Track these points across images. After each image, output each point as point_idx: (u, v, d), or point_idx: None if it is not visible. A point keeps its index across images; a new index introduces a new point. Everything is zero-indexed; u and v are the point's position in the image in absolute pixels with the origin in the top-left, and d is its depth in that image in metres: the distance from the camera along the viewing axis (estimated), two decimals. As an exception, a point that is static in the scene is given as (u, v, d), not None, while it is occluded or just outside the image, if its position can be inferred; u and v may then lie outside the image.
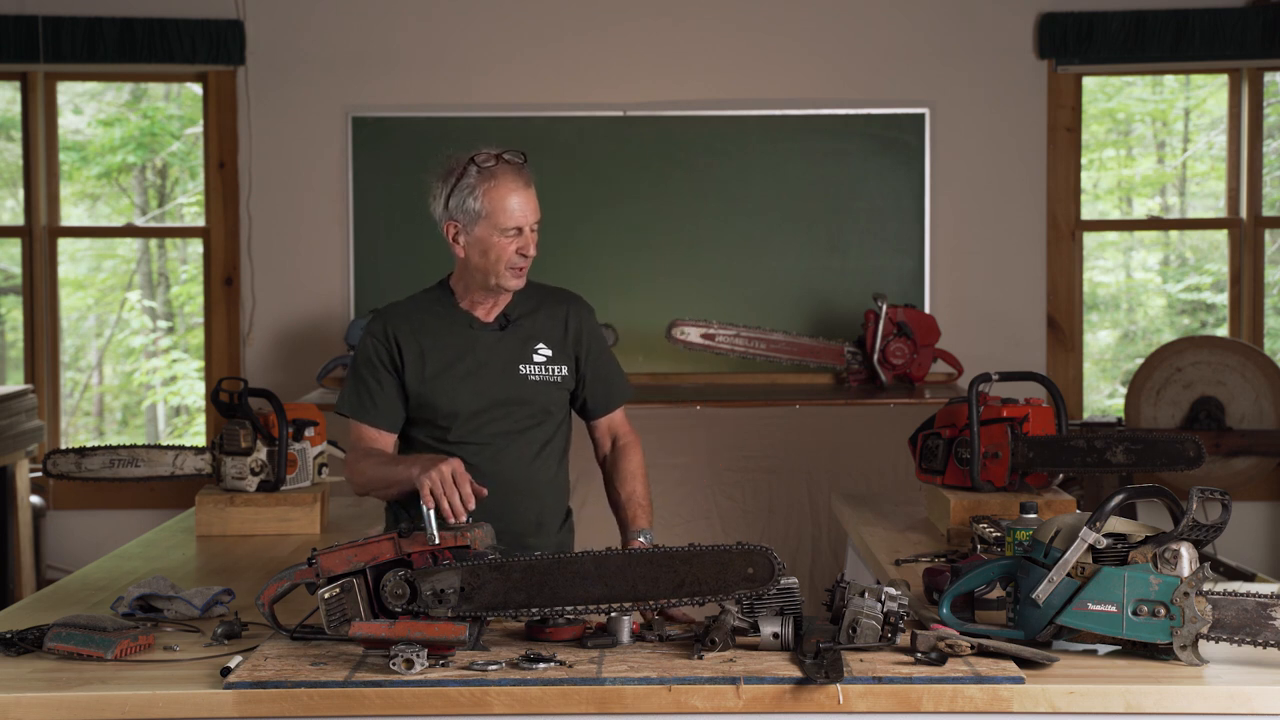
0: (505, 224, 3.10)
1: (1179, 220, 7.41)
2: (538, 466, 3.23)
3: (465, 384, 3.19)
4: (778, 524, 5.43)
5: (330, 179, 6.29)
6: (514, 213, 3.11)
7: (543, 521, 3.25)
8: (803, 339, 6.06)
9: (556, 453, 3.28)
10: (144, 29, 6.20)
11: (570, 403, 3.32)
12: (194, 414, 7.50)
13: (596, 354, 3.29)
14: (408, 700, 2.39)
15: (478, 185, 3.11)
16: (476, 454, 3.17)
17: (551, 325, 3.25)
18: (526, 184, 3.13)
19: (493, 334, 3.22)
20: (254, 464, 3.77)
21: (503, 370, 3.20)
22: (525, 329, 3.23)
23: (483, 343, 3.21)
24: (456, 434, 3.19)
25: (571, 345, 3.26)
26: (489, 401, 3.19)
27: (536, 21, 6.32)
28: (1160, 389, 6.07)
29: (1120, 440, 3.51)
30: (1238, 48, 6.24)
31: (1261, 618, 2.42)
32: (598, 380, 3.30)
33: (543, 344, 3.23)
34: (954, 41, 6.31)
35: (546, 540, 3.24)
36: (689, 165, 6.28)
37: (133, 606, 2.82)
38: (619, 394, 3.34)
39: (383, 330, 3.22)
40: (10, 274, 7.07)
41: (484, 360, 3.20)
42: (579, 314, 3.28)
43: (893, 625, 2.52)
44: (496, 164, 3.11)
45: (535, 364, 3.22)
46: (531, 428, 3.22)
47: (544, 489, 3.25)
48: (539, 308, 3.26)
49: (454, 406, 3.18)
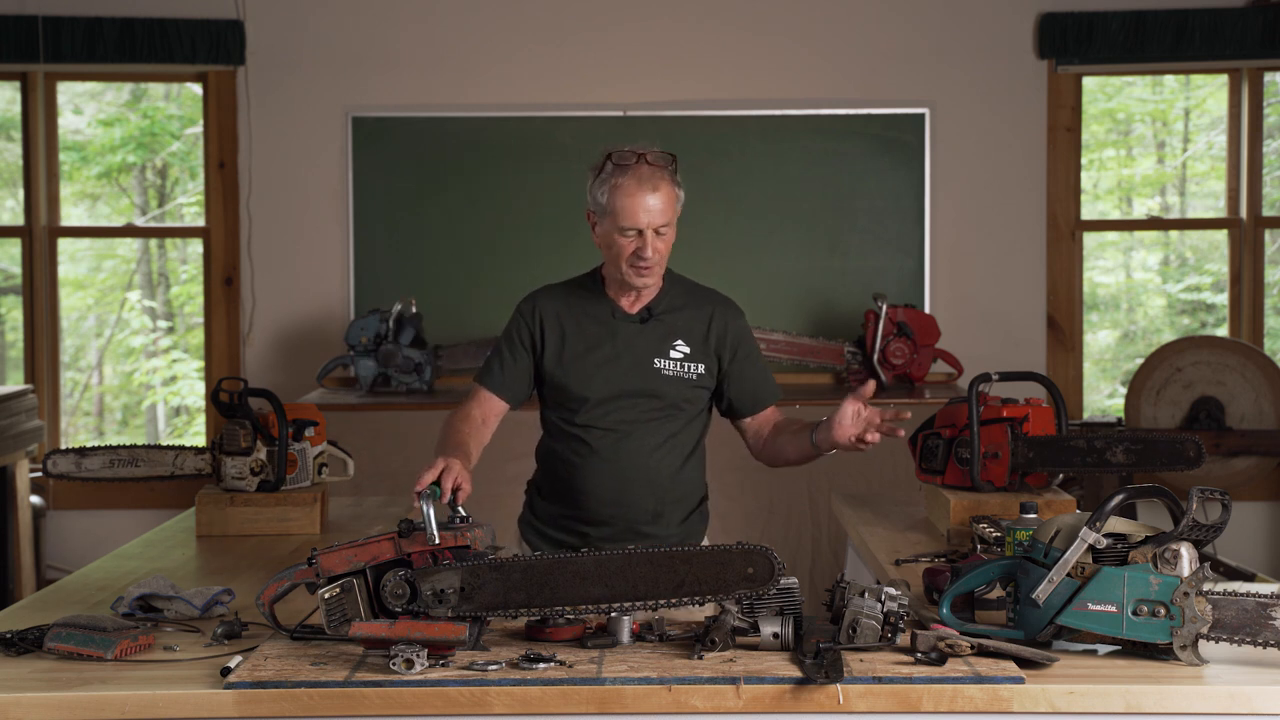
0: (623, 223, 3.16)
1: (1179, 220, 7.41)
2: (659, 458, 3.27)
3: (600, 371, 3.25)
4: (778, 524, 5.43)
5: (330, 179, 6.29)
6: (633, 213, 3.15)
7: (661, 512, 3.29)
8: (803, 339, 6.06)
9: (684, 447, 3.30)
10: (144, 29, 6.21)
11: (717, 402, 3.36)
12: (194, 414, 7.50)
13: (743, 357, 3.33)
14: (408, 700, 2.39)
15: (609, 180, 3.20)
16: (600, 439, 3.25)
17: (694, 324, 3.30)
18: (655, 187, 3.17)
19: (633, 325, 3.28)
20: (254, 464, 3.77)
21: (637, 362, 3.26)
22: (667, 324, 3.28)
23: (623, 333, 3.27)
24: (584, 418, 3.26)
25: (714, 345, 3.30)
26: (619, 390, 3.25)
27: (536, 21, 6.32)
28: (1160, 389, 6.07)
29: (1120, 440, 3.51)
30: (1238, 48, 6.24)
31: (1261, 618, 2.42)
32: (743, 382, 3.34)
33: (681, 340, 3.28)
34: (954, 41, 6.31)
35: (664, 530, 3.28)
36: (689, 165, 6.21)
37: (133, 606, 2.82)
38: (765, 395, 3.38)
39: (531, 310, 3.31)
40: (10, 274, 7.07)
41: (621, 350, 3.26)
42: (725, 316, 3.32)
43: (893, 625, 2.52)
44: (635, 162, 3.18)
45: (671, 359, 3.27)
46: (659, 420, 3.27)
47: (665, 480, 3.28)
48: (685, 305, 3.31)
49: (585, 391, 3.25)
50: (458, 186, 6.15)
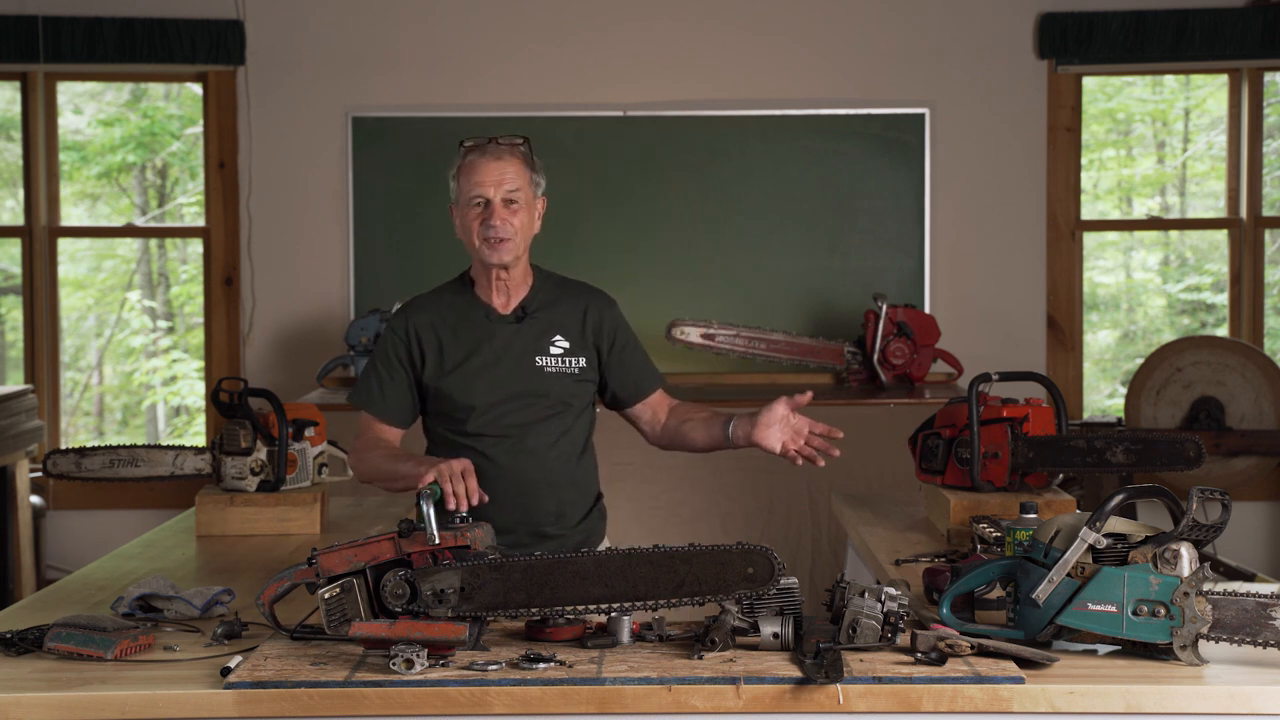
0: (470, 193, 3.16)
1: (1179, 220, 7.41)
2: (555, 457, 3.24)
3: (482, 376, 3.21)
4: (778, 524, 5.43)
5: (330, 179, 6.29)
6: (478, 182, 3.15)
7: (563, 512, 3.26)
8: (803, 339, 6.05)
9: (576, 444, 3.28)
10: (144, 29, 6.21)
11: (600, 395, 3.34)
12: (194, 414, 7.50)
13: (620, 346, 3.31)
14: (408, 700, 2.38)
15: (459, 163, 3.21)
16: (494, 446, 3.21)
17: (570, 318, 3.27)
18: (499, 157, 3.17)
19: (509, 326, 3.24)
20: (254, 464, 3.77)
21: (518, 362, 3.22)
22: (543, 321, 3.25)
23: (500, 334, 3.24)
24: (474, 426, 3.22)
25: (591, 338, 3.27)
26: (505, 394, 3.21)
27: (536, 21, 6.32)
28: (1160, 389, 6.07)
29: (1120, 440, 3.51)
30: (1238, 48, 6.24)
31: (1261, 618, 2.42)
32: (625, 371, 3.31)
33: (560, 335, 3.25)
34: (954, 41, 6.31)
35: (568, 530, 3.26)
36: (689, 165, 6.28)
37: (133, 606, 2.82)
38: (649, 382, 3.36)
39: (404, 325, 3.26)
40: (10, 274, 7.07)
41: (500, 352, 3.22)
42: (599, 307, 3.30)
43: (893, 625, 2.52)
44: (486, 143, 3.18)
45: (552, 355, 3.24)
46: (549, 419, 3.24)
47: (562, 480, 3.25)
48: (558, 300, 3.28)
49: (470, 399, 3.21)
50: (458, 186, 6.14)
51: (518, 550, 3.13)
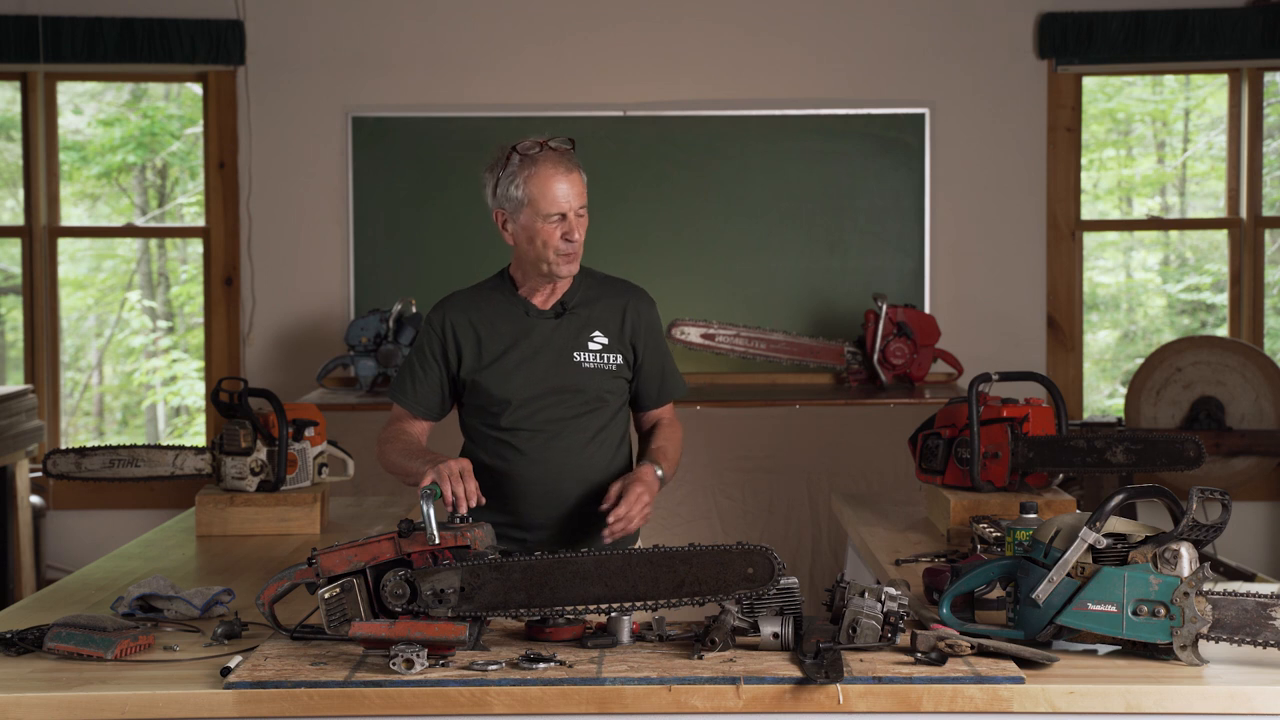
0: (547, 210, 3.14)
1: (1179, 220, 7.41)
2: (590, 453, 3.24)
3: (519, 370, 3.21)
4: (778, 524, 5.43)
5: (330, 179, 6.29)
6: (555, 198, 3.14)
7: (595, 510, 3.24)
8: (803, 339, 6.06)
9: (611, 440, 3.28)
10: (144, 29, 6.21)
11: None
12: (194, 414, 7.50)
13: (653, 348, 3.31)
14: (408, 700, 2.39)
15: (519, 173, 3.16)
16: (528, 440, 3.21)
17: (609, 314, 3.27)
18: (569, 169, 3.17)
19: (548, 321, 3.24)
20: (254, 464, 3.77)
21: (556, 357, 3.22)
22: (582, 317, 3.25)
23: (538, 330, 3.23)
24: (509, 420, 3.22)
25: (629, 336, 3.27)
26: (542, 388, 3.21)
27: (536, 21, 6.32)
28: (1160, 389, 6.07)
29: (1120, 440, 3.51)
30: (1238, 48, 6.24)
31: (1261, 618, 2.42)
32: (652, 374, 3.32)
33: (599, 332, 3.25)
34: (954, 41, 6.31)
35: (602, 525, 3.24)
36: (689, 165, 6.28)
37: (133, 606, 2.82)
38: (671, 389, 3.36)
39: (440, 321, 3.26)
40: (10, 274, 7.07)
41: (538, 347, 3.22)
42: (638, 306, 3.30)
43: (893, 625, 2.52)
44: (540, 151, 3.16)
45: (590, 351, 3.24)
46: (584, 414, 3.23)
47: (597, 475, 3.24)
48: (599, 297, 3.28)
49: (506, 393, 3.21)
50: (458, 186, 6.14)
51: (548, 548, 3.13)
